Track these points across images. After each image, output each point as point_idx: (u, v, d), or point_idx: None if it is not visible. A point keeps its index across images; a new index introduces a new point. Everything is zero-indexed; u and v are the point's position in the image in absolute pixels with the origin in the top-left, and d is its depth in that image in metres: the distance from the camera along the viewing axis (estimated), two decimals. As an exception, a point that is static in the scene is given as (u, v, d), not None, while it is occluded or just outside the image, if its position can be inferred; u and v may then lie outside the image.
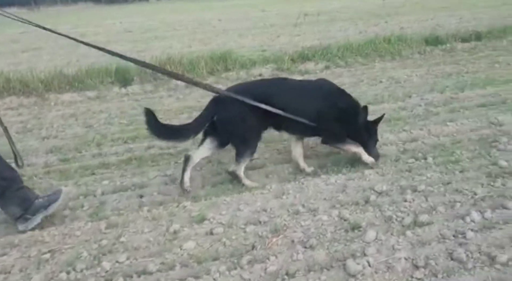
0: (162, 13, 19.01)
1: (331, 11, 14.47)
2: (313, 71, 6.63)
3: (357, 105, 3.44)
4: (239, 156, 3.24)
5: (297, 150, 3.52)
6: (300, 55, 6.95)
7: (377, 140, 3.49)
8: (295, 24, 10.42)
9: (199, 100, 5.34)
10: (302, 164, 3.49)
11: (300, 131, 3.42)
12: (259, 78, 5.90)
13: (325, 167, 3.47)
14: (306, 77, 6.06)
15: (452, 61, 6.75)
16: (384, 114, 3.55)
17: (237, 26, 12.48)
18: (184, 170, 3.25)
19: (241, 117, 3.17)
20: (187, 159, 3.27)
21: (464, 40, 7.74)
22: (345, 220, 2.64)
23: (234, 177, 3.30)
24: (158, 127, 3.12)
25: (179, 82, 5.88)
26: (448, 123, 4.09)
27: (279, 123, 3.32)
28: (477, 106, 4.53)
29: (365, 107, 3.41)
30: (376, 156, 3.40)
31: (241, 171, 3.26)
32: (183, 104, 5.43)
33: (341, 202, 2.86)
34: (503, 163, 3.16)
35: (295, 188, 3.10)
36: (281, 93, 3.30)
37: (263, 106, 3.14)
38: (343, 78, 6.11)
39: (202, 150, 3.32)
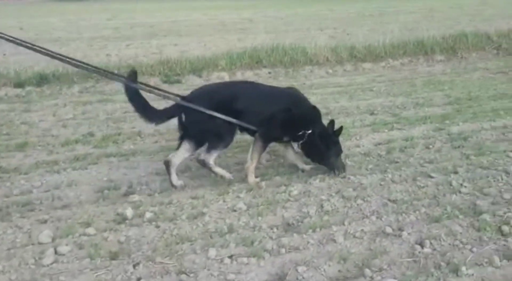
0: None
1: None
2: None
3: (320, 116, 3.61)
4: (210, 148, 3.34)
5: (290, 153, 3.73)
6: None
7: (341, 151, 3.62)
8: None
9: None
10: (301, 165, 3.70)
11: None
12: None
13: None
14: None
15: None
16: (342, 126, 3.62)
17: None
18: (169, 173, 3.39)
19: (207, 116, 3.24)
20: (167, 163, 3.38)
21: (18, 85, 6.64)
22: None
23: (203, 165, 3.40)
24: (137, 97, 3.29)
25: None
26: None
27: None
28: None
29: (332, 121, 3.54)
30: (342, 168, 3.57)
31: (210, 160, 3.35)
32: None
33: None
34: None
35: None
36: (245, 99, 3.41)
37: (218, 115, 3.24)
38: None
39: (180, 153, 3.42)
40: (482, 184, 3.31)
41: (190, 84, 7.05)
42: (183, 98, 3.40)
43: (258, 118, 3.38)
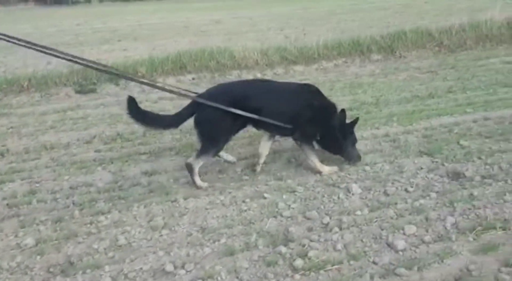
0: None
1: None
2: None
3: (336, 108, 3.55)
4: (201, 153, 3.32)
5: (265, 148, 3.66)
6: None
7: (355, 140, 3.63)
8: None
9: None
10: (261, 161, 3.64)
11: (277, 130, 3.50)
12: None
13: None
14: None
15: None
16: (358, 117, 3.69)
17: None
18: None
19: (215, 119, 3.25)
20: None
21: None
22: None
23: (188, 170, 3.35)
24: (139, 113, 3.31)
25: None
26: None
27: (257, 122, 3.38)
28: None
29: (343, 111, 3.51)
30: (357, 157, 3.60)
31: (197, 166, 3.33)
32: None
33: None
34: None
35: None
36: (260, 95, 3.38)
37: (234, 110, 3.19)
38: None
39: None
40: (312, 206, 2.99)
41: (106, 93, 6.76)
42: (198, 96, 3.38)
43: (284, 115, 3.37)
